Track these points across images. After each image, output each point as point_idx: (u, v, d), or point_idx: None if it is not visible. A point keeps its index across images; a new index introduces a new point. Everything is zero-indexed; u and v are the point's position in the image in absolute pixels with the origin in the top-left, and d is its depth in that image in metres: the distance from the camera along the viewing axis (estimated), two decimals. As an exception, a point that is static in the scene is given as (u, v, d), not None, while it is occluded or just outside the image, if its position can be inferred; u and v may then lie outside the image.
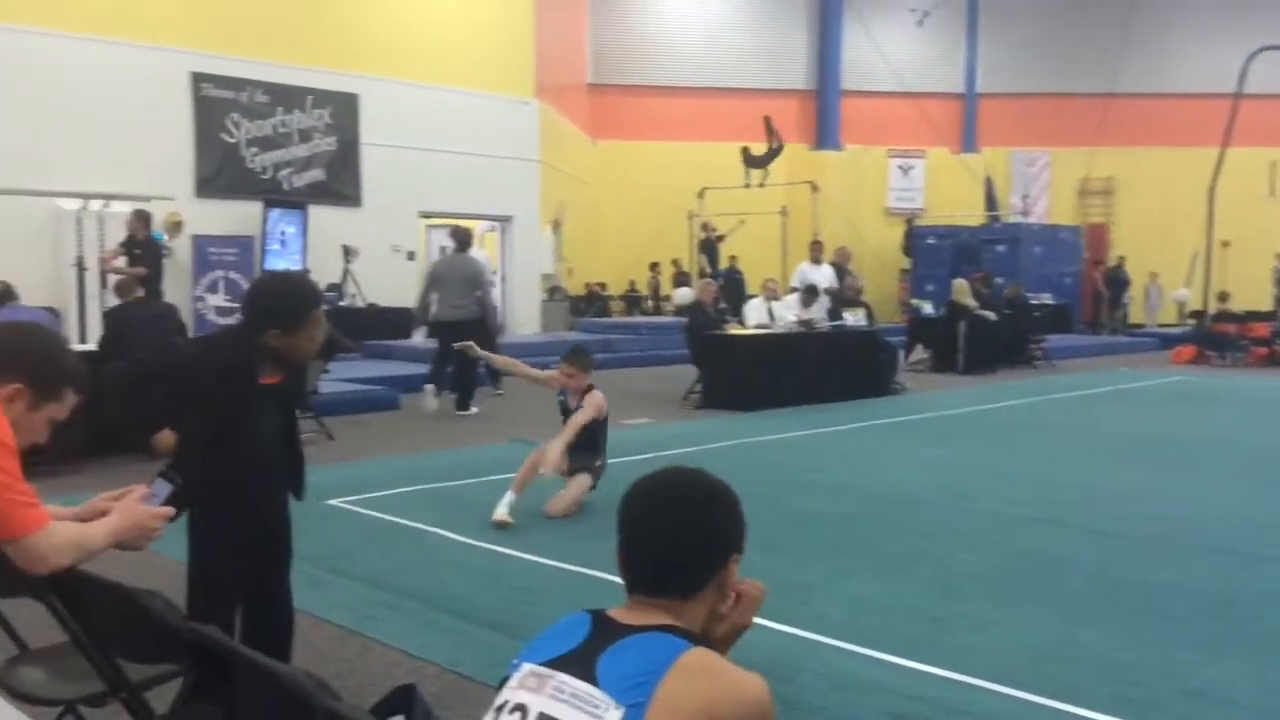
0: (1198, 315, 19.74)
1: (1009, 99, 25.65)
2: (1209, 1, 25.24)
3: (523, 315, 18.25)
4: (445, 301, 10.60)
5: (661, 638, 1.55)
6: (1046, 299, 20.35)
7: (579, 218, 21.49)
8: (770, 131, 19.88)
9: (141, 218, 11.47)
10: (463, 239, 11.10)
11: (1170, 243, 23.43)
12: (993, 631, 4.18)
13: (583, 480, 6.35)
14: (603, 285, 22.72)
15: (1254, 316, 18.37)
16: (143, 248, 11.44)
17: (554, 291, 19.44)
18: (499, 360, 7.53)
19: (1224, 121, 20.56)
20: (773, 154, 19.93)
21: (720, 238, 19.31)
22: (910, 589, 4.75)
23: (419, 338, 6.44)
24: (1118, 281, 23.68)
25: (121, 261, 11.37)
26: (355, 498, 6.51)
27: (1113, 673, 3.75)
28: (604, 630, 1.60)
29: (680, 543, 1.65)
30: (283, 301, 3.04)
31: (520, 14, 18.28)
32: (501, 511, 5.84)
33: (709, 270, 18.07)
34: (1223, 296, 19.37)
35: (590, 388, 6.45)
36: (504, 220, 18.34)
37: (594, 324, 18.79)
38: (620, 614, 1.64)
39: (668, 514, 1.67)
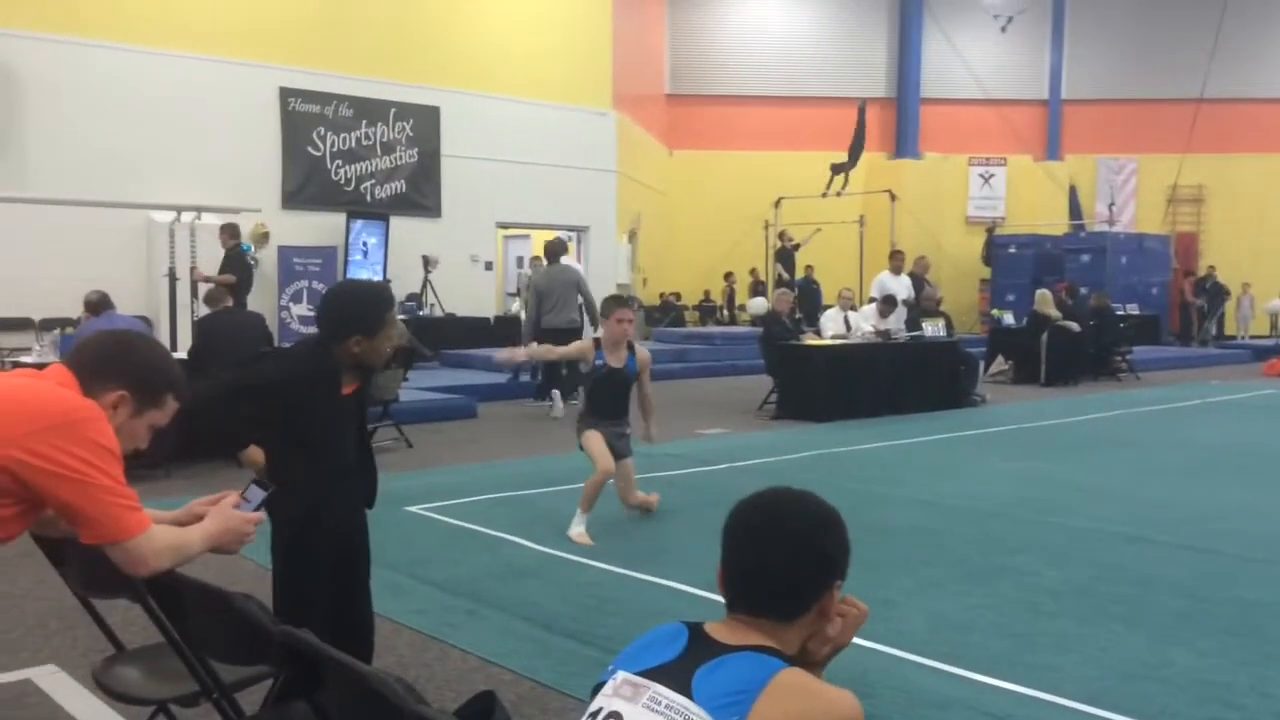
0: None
1: (1094, 105, 25.09)
2: (1306, 2, 24.42)
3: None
4: (556, 311, 10.98)
5: (758, 658, 1.55)
6: (1133, 310, 19.85)
7: (654, 228, 21.56)
8: (862, 114, 19.88)
9: (230, 229, 11.81)
10: (556, 250, 11.54)
11: (1263, 252, 22.68)
12: (1079, 650, 4.08)
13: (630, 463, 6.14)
14: (677, 295, 22.73)
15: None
16: (231, 259, 11.78)
17: (629, 301, 19.50)
18: (531, 351, 7.46)
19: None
20: (856, 151, 19.88)
21: (796, 246, 19.19)
22: (992, 605, 4.66)
23: (522, 353, 6.70)
24: (1213, 291, 22.94)
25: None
26: (433, 504, 6.60)
27: (1207, 693, 3.63)
28: (702, 645, 1.60)
29: (788, 567, 1.64)
30: (360, 308, 3.11)
31: (598, 26, 18.46)
32: (578, 530, 5.81)
33: (785, 279, 17.97)
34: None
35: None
36: (581, 230, 18.49)
37: (668, 333, 18.82)
38: (718, 630, 1.64)
39: (778, 536, 1.65)
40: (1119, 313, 18.18)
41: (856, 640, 4.00)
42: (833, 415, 10.72)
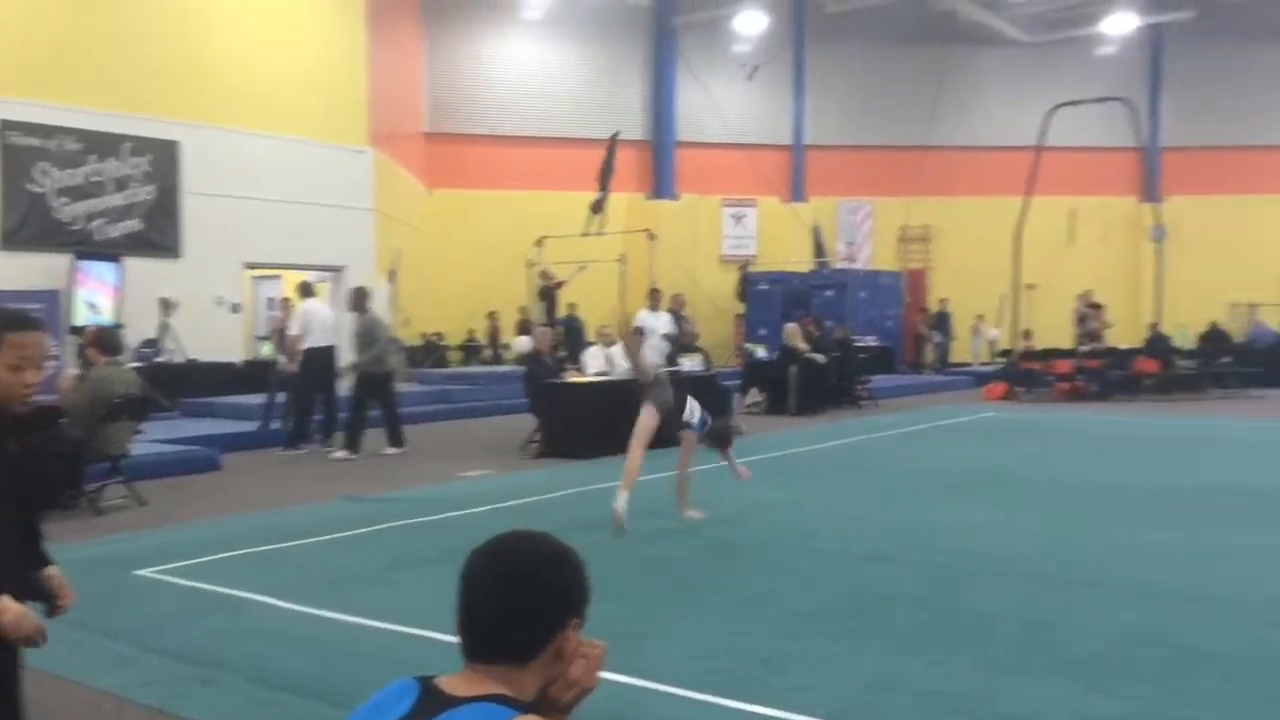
0: (1007, 354, 20.91)
1: (834, 150, 26.77)
2: (1011, 63, 27.06)
3: (357, 367, 17.75)
4: (374, 354, 11.47)
5: (488, 709, 1.48)
6: (871, 341, 21.20)
7: (415, 267, 21.16)
8: (613, 145, 20.20)
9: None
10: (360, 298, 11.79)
11: (982, 286, 24.79)
12: (826, 668, 4.23)
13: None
14: (440, 335, 22.37)
15: (1057, 354, 19.57)
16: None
17: (390, 343, 19.01)
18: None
19: (1027, 173, 22.02)
20: (605, 179, 20.21)
21: (559, 285, 19.31)
22: (746, 630, 4.77)
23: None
24: (940, 322, 24.93)
25: None
26: (168, 566, 6.11)
27: (939, 702, 3.84)
28: (431, 700, 1.52)
29: (518, 609, 1.58)
30: None
31: (352, 62, 18.00)
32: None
33: (546, 319, 18.04)
34: (1027, 335, 20.62)
35: None
36: (336, 270, 17.87)
37: (431, 374, 18.46)
38: (451, 683, 1.56)
39: (507, 579, 1.60)
40: (859, 344, 19.37)
41: (611, 675, 4.02)
42: (596, 452, 10.77)
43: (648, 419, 7.56)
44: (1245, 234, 26.86)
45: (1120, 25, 25.16)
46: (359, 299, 11.73)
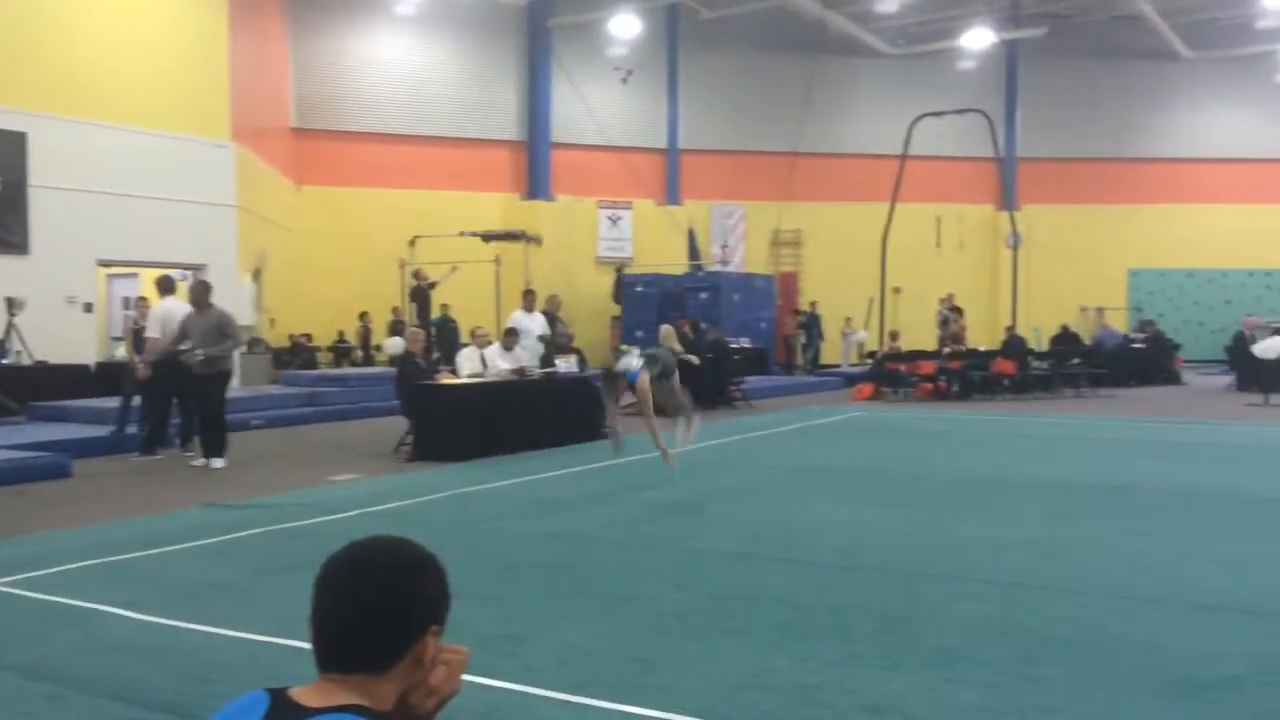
0: (874, 355, 21.56)
1: (707, 155, 27.16)
2: (877, 74, 27.93)
3: (221, 369, 17.14)
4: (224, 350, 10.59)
5: (344, 719, 1.45)
6: (745, 343, 21.56)
7: (282, 266, 20.57)
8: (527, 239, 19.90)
9: None
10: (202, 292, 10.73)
11: (851, 289, 25.51)
12: (696, 666, 4.28)
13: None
14: (309, 336, 21.79)
15: (921, 355, 20.28)
16: None
17: (254, 344, 18.44)
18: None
19: (894, 180, 22.76)
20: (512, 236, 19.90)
21: (432, 285, 19.05)
22: (619, 631, 4.80)
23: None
24: (811, 324, 25.53)
25: None
26: (15, 578, 5.79)
27: (802, 695, 3.93)
28: (282, 713, 1.47)
29: (375, 615, 1.54)
30: None
31: (214, 54, 17.38)
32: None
33: (418, 320, 17.77)
34: (894, 336, 21.30)
35: None
36: (198, 268, 17.21)
37: (299, 376, 17.96)
38: (305, 694, 1.51)
39: (363, 584, 1.55)
40: (733, 346, 19.68)
41: (485, 680, 4.00)
42: (470, 454, 10.69)
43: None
44: (1093, 241, 28.39)
45: (978, 41, 26.23)
46: (201, 293, 10.62)
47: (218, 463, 10.27)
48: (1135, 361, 22.38)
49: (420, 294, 18.46)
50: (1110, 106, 28.60)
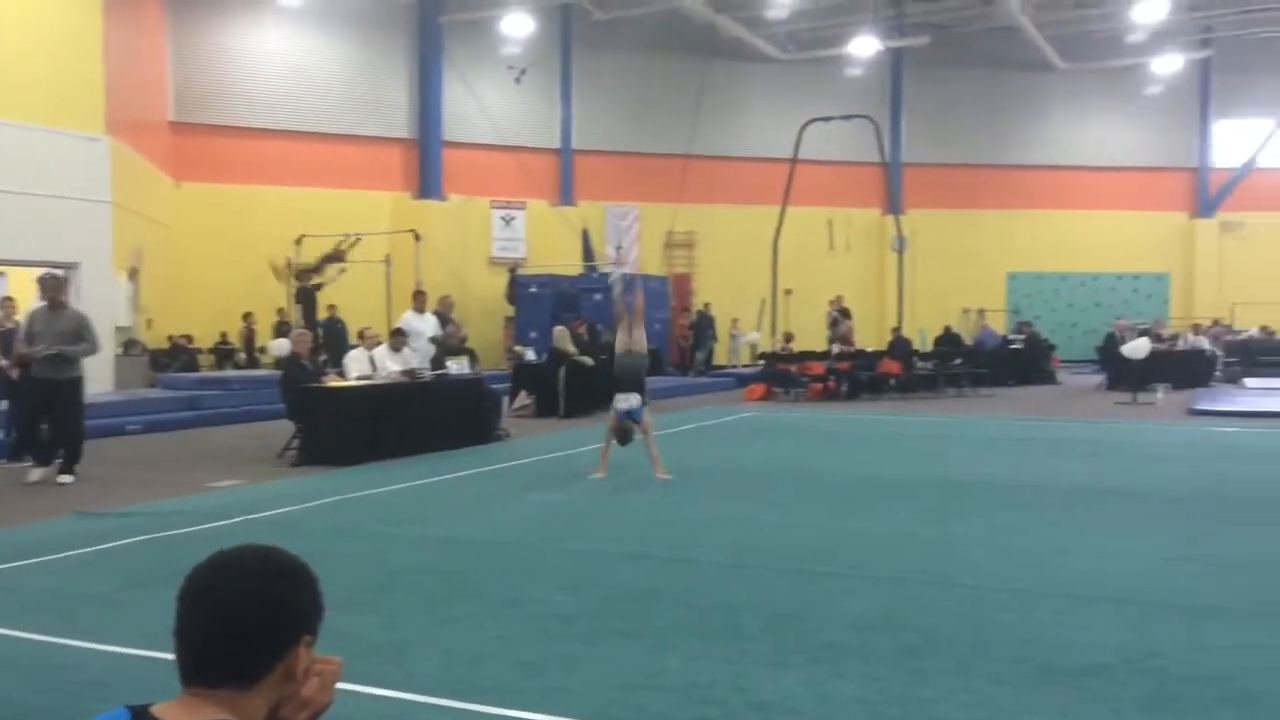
0: (765, 356, 21.87)
1: (601, 156, 27.16)
2: (768, 79, 28.34)
3: (93, 371, 16.40)
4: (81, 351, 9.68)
5: None
6: (640, 344, 21.57)
7: (160, 265, 19.84)
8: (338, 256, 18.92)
9: None
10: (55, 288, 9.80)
11: (743, 291, 25.83)
12: (585, 669, 4.26)
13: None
14: (189, 338, 21.05)
15: (811, 356, 20.65)
16: None
17: (130, 345, 17.75)
18: None
19: (785, 183, 23.12)
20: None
21: (318, 286, 18.62)
22: (506, 635, 4.74)
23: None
24: (703, 325, 25.74)
25: None
26: None
27: (693, 694, 3.95)
28: None
29: (241, 627, 1.49)
30: None
31: (86, 43, 16.62)
32: None
33: (305, 321, 17.34)
34: (788, 338, 21.65)
35: None
36: (70, 267, 16.46)
37: (178, 379, 17.34)
38: (168, 710, 1.45)
39: (228, 595, 1.50)
40: (628, 347, 19.69)
41: (367, 689, 3.92)
42: (358, 458, 10.47)
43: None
44: (975, 245, 29.33)
45: (864, 48, 26.84)
46: (55, 290, 9.69)
47: (65, 479, 9.45)
48: (1014, 361, 23.20)
49: (306, 295, 18.01)
50: (990, 114, 29.59)
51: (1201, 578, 5.80)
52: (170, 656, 1.51)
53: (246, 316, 21.45)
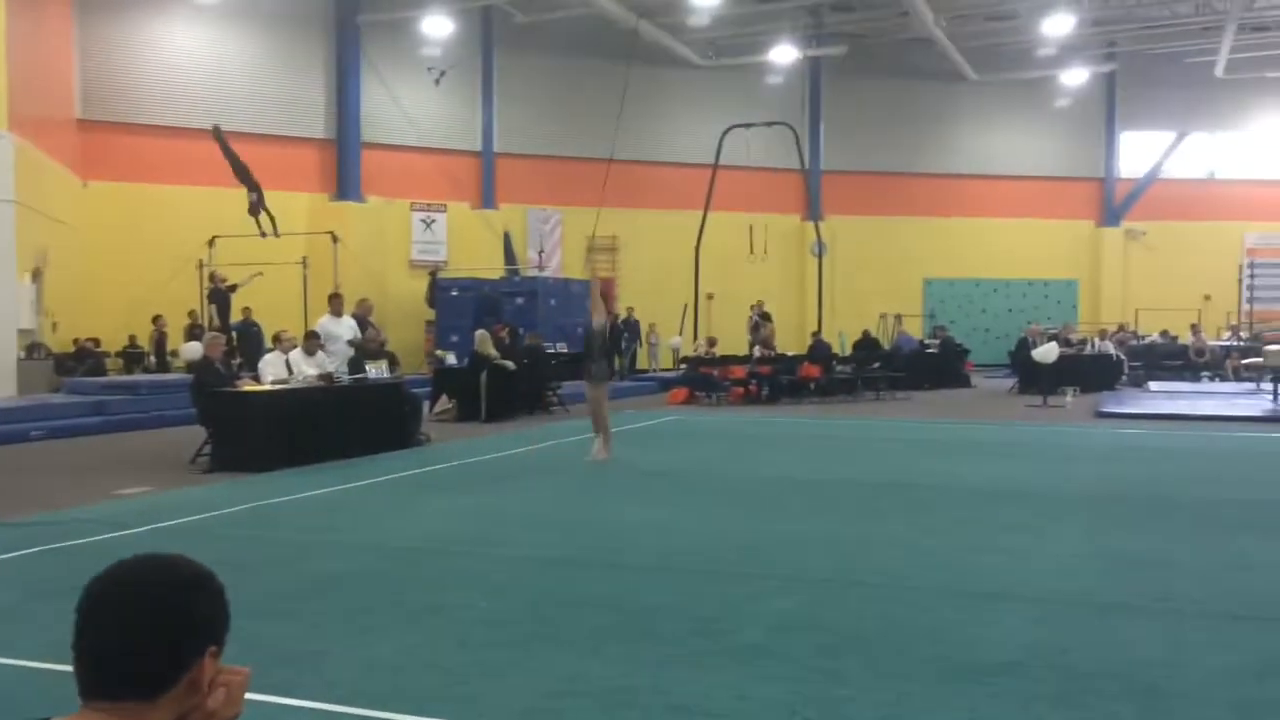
0: (688, 360, 22.00)
1: (523, 159, 27.06)
2: (690, 85, 28.53)
3: (-6, 377, 15.84)
4: None
5: None
6: (562, 348, 21.58)
7: (66, 266, 19.20)
8: (223, 143, 17.87)
9: None
10: None
11: (666, 296, 25.94)
12: (506, 675, 4.24)
13: None
14: (96, 341, 20.39)
15: (733, 360, 20.82)
16: None
17: (34, 349, 17.15)
18: None
19: (706, 188, 23.28)
20: (243, 176, 18.00)
21: (232, 288, 18.21)
22: (427, 643, 4.69)
23: None
24: (626, 331, 25.78)
25: None
26: None
27: (614, 699, 3.95)
28: None
29: (143, 638, 1.44)
30: None
31: (-15, 35, 16.04)
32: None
33: (218, 323, 16.94)
34: (712, 342, 21.79)
35: None
36: (-32, 268, 15.87)
37: (85, 384, 16.78)
38: None
39: (129, 606, 1.45)
40: (550, 351, 19.66)
41: (283, 700, 3.84)
42: (274, 464, 10.25)
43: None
44: (891, 251, 29.90)
45: (783, 56, 27.18)
46: None
47: None
48: (929, 365, 23.69)
49: (220, 296, 17.60)
50: (905, 124, 30.20)
51: (1105, 574, 6.00)
52: (70, 669, 1.47)
53: (156, 319, 20.86)
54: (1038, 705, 3.89)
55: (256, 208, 17.87)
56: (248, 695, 1.62)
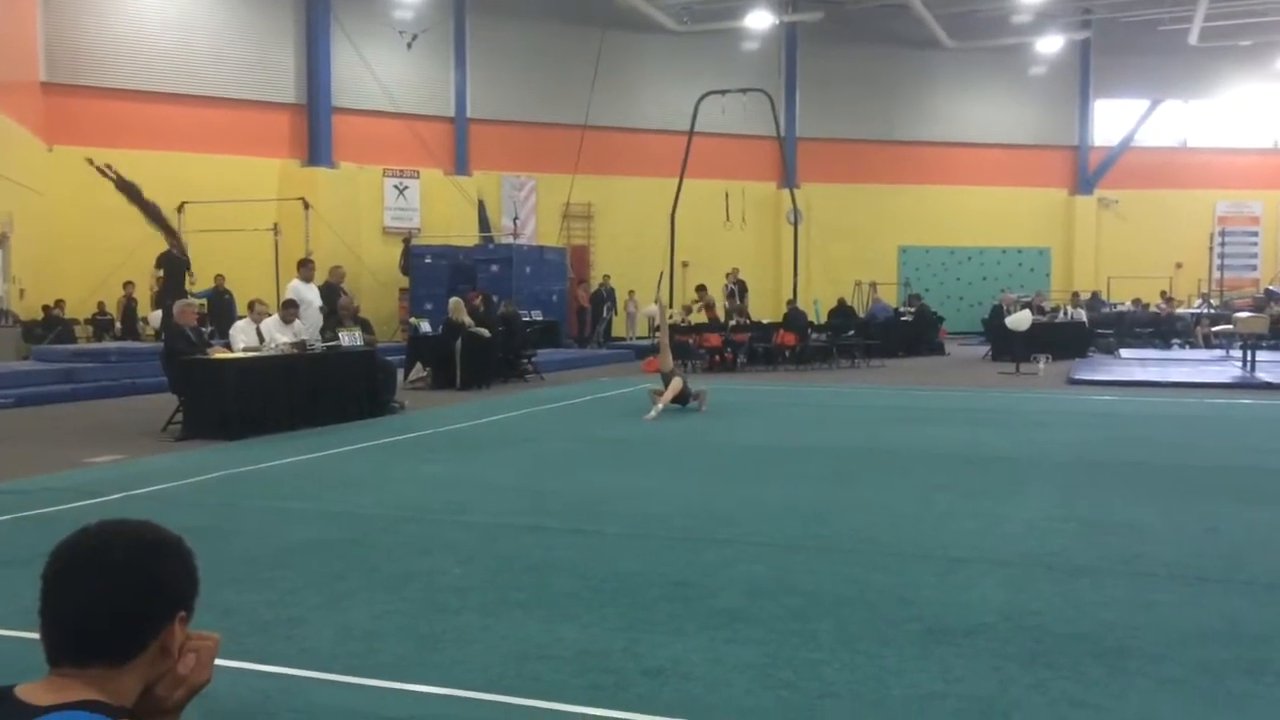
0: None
1: (497, 125, 26.81)
2: (664, 50, 28.34)
3: (-40, 344, 15.63)
4: None
5: (76, 716, 1.34)
6: (537, 315, 21.53)
7: (33, 232, 18.92)
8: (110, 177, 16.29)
9: None
10: None
11: (641, 263, 25.87)
12: (480, 641, 4.24)
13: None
14: (63, 306, 20.15)
15: (708, 328, 20.81)
16: None
17: (1, 316, 16.92)
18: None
19: (682, 155, 23.18)
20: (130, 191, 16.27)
21: (186, 264, 17.82)
22: (401, 609, 4.68)
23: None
24: (602, 298, 25.75)
25: None
26: None
27: (588, 662, 3.96)
28: (7, 712, 1.35)
29: (111, 603, 1.43)
30: None
31: (-55, -6, 15.69)
32: None
33: (165, 287, 16.40)
34: (688, 309, 21.77)
35: None
36: (-69, 234, 15.61)
37: (53, 351, 16.59)
38: (32, 691, 1.39)
39: (96, 571, 1.44)
40: (525, 318, 19.60)
41: (257, 666, 3.83)
42: (246, 432, 10.19)
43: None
44: (867, 219, 29.95)
45: (759, 22, 27.01)
46: None
47: None
48: (904, 333, 23.79)
49: (172, 260, 17.02)
50: (881, 91, 30.14)
51: (1076, 538, 6.06)
52: (37, 637, 1.45)
53: (126, 286, 20.63)
54: (1009, 666, 3.93)
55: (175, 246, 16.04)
56: (220, 662, 1.60)
